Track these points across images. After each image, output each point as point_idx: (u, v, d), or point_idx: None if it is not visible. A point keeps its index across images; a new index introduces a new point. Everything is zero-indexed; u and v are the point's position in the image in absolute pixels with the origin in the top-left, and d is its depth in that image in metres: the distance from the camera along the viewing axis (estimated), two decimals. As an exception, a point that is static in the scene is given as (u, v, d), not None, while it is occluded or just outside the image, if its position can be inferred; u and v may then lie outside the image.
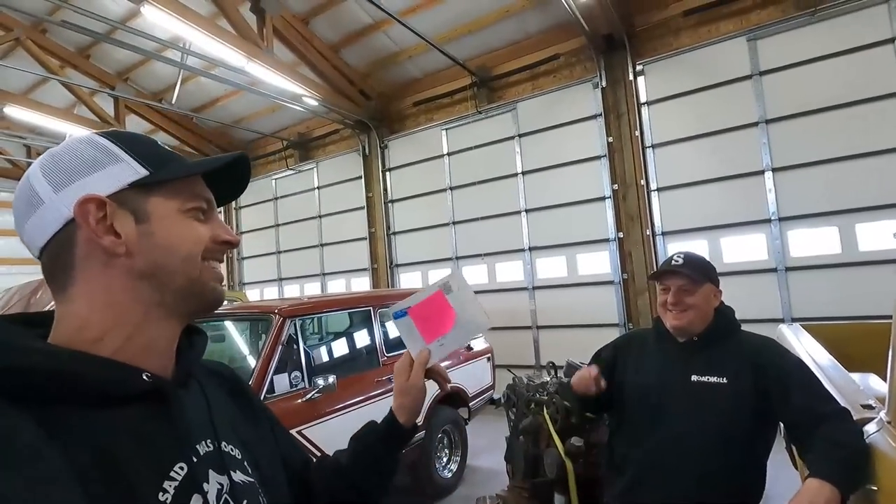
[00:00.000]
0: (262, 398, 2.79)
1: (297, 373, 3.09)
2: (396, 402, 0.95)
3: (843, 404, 1.37)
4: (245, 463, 0.71)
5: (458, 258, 7.41)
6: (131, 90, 9.06)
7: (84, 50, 8.57)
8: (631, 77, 5.96)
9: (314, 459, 0.96)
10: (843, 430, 1.30)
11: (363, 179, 8.38)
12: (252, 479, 0.70)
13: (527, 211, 6.79)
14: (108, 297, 0.62)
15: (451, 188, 7.49)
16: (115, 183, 0.63)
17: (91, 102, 8.57)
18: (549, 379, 3.38)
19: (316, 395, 3.02)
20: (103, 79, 8.80)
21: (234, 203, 10.61)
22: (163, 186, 0.67)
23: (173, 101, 7.89)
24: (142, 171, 0.65)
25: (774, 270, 5.23)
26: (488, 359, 4.87)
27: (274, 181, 9.92)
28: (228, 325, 3.78)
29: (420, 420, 0.97)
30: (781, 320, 4.97)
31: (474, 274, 7.26)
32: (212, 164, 0.70)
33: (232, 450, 0.69)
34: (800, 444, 1.36)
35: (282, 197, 9.85)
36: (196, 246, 0.67)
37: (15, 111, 7.69)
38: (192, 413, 0.66)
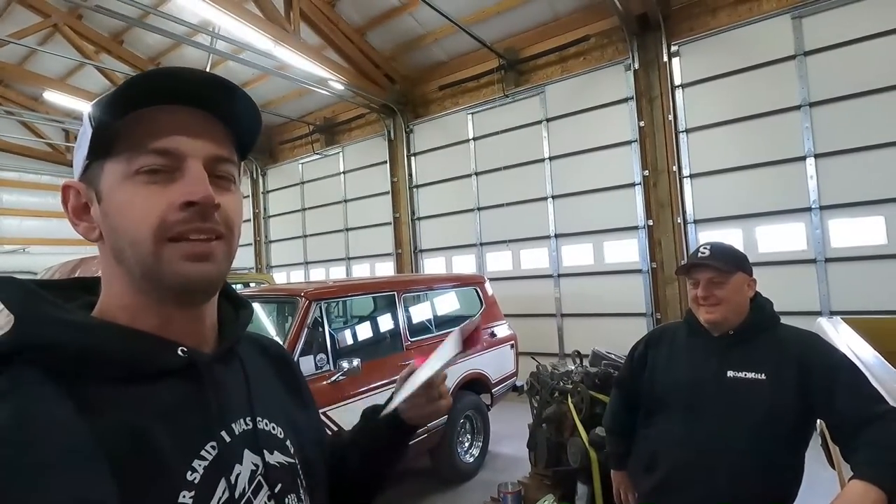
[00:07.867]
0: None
1: (323, 355, 3.13)
2: (411, 411, 0.82)
3: (893, 404, 1.29)
4: (287, 443, 0.67)
5: (482, 244, 7.35)
6: (163, 75, 9.21)
7: (118, 35, 8.75)
8: (665, 58, 5.73)
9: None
10: (894, 431, 1.22)
11: (388, 164, 8.36)
12: (293, 461, 0.66)
13: (553, 197, 6.67)
14: (106, 276, 0.60)
15: (477, 173, 7.41)
16: (81, 160, 0.57)
17: (125, 87, 8.76)
18: (573, 368, 3.33)
19: (340, 377, 3.05)
20: (136, 64, 8.97)
21: (261, 187, 10.79)
22: (113, 148, 0.54)
23: (203, 86, 7.98)
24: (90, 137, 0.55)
25: (813, 261, 5.01)
26: (511, 346, 4.84)
27: (301, 165, 10.02)
28: (256, 306, 3.85)
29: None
30: (819, 313, 4.78)
31: (499, 260, 7.21)
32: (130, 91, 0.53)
33: (273, 429, 0.66)
34: (844, 446, 1.29)
35: (308, 181, 9.93)
36: (143, 224, 0.53)
37: (53, 96, 7.96)
38: (231, 389, 0.62)
